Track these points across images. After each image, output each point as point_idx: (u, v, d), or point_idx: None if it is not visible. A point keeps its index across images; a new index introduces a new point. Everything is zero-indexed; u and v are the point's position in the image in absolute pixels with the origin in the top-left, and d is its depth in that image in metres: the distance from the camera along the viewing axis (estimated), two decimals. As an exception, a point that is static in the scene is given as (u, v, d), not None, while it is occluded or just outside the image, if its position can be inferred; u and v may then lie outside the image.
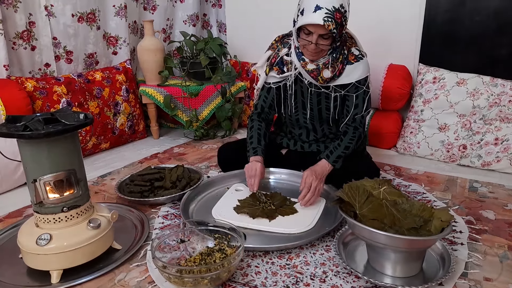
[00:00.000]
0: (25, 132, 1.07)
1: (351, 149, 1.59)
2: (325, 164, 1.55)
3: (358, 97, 1.59)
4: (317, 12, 1.37)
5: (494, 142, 1.94)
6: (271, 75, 1.66)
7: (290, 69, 1.61)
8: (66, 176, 1.16)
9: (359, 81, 1.57)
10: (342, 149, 1.57)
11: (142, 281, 1.18)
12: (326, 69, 1.53)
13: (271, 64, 1.65)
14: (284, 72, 1.63)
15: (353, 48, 1.57)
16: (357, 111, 1.61)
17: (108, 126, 2.29)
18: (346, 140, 1.59)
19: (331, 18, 1.37)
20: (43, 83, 2.05)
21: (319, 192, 1.51)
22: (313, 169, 1.53)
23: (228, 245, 1.23)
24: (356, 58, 1.56)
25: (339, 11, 1.39)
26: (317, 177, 1.50)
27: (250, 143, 1.64)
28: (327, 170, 1.55)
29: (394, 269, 1.14)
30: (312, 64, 1.54)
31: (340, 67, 1.54)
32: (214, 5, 3.01)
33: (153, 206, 1.63)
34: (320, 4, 1.37)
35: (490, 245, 1.35)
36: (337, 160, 1.56)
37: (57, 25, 2.20)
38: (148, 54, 2.44)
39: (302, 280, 1.17)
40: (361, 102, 1.60)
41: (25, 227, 1.21)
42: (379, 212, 1.13)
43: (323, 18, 1.37)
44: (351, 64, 1.55)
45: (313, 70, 1.54)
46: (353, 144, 1.59)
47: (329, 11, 1.37)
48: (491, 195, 1.71)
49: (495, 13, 2.01)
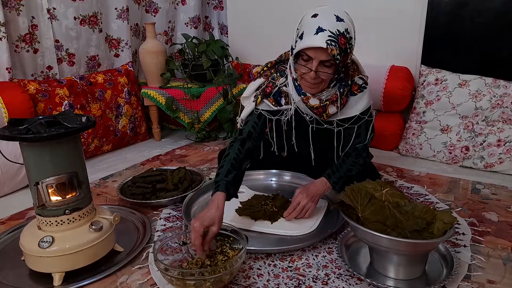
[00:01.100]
0: (28, 135, 1.08)
1: (353, 172, 1.44)
2: (322, 183, 1.42)
3: (361, 127, 1.46)
4: (319, 34, 1.21)
5: (496, 144, 1.94)
6: (263, 102, 1.45)
7: (289, 102, 1.43)
8: (68, 178, 1.16)
9: (362, 112, 1.44)
10: (344, 171, 1.43)
11: (144, 283, 1.18)
12: (332, 105, 1.38)
13: (265, 94, 1.43)
14: (281, 105, 1.43)
15: (356, 78, 1.43)
16: (360, 141, 1.47)
17: (110, 129, 2.30)
18: (349, 162, 1.45)
19: (335, 42, 1.21)
20: (45, 85, 2.06)
21: (308, 211, 1.40)
22: (307, 187, 1.44)
23: (230, 248, 1.23)
24: (360, 88, 1.42)
25: (344, 36, 1.23)
26: (308, 195, 1.39)
27: (216, 175, 1.32)
28: (323, 190, 1.42)
29: (397, 272, 1.14)
30: (315, 99, 1.36)
31: (345, 100, 1.40)
32: (215, 8, 3.02)
33: (155, 208, 1.62)
34: (323, 26, 1.21)
35: (493, 247, 1.34)
36: (338, 182, 1.42)
37: (60, 28, 2.21)
38: (150, 56, 2.45)
39: (305, 283, 1.17)
40: (364, 132, 1.47)
41: (28, 230, 1.22)
42: (381, 214, 1.13)
43: (326, 40, 1.20)
44: (354, 95, 1.41)
45: (318, 107, 1.38)
46: (356, 168, 1.45)
47: (333, 34, 1.21)
48: (494, 197, 1.70)
49: (497, 15, 2.00)
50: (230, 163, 1.32)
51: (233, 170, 1.31)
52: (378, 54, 2.28)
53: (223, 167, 1.32)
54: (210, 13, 3.05)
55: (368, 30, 2.29)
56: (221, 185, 1.26)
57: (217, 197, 1.23)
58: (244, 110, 1.49)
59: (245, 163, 1.39)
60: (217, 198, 1.22)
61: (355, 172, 1.46)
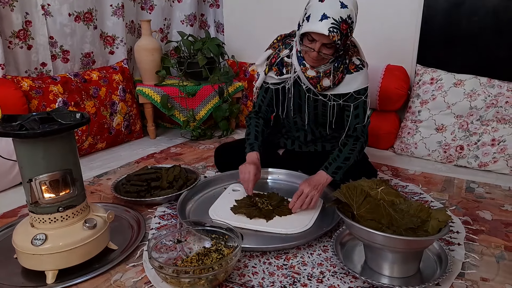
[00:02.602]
0: (21, 132, 1.06)
1: (351, 160, 1.52)
2: (322, 175, 1.49)
3: (358, 107, 1.54)
4: (323, 21, 1.33)
5: (491, 143, 1.95)
6: (269, 75, 1.63)
7: (289, 71, 1.57)
8: (62, 176, 1.15)
9: (358, 91, 1.53)
10: (341, 160, 1.51)
11: (139, 281, 1.17)
12: (326, 78, 1.50)
13: (270, 63, 1.61)
14: (283, 74, 1.59)
15: (354, 58, 1.53)
16: (358, 121, 1.55)
17: (105, 126, 2.28)
18: (346, 151, 1.53)
19: (337, 29, 1.33)
20: (39, 82, 2.04)
21: (313, 200, 1.43)
22: (309, 178, 1.49)
23: (225, 246, 1.22)
24: (356, 68, 1.52)
25: (346, 22, 1.35)
26: (310, 184, 1.44)
27: (247, 139, 1.63)
28: (324, 181, 1.48)
29: (392, 270, 1.14)
30: (313, 70, 1.49)
31: (340, 76, 1.51)
32: (211, 5, 3.01)
33: (150, 206, 1.62)
34: (327, 14, 1.33)
35: (487, 245, 1.35)
36: (337, 172, 1.49)
37: (54, 24, 2.19)
38: (145, 53, 2.43)
39: (300, 281, 1.17)
40: (362, 112, 1.55)
41: (20, 227, 1.20)
42: (376, 212, 1.13)
43: (329, 28, 1.33)
44: (350, 74, 1.52)
45: (313, 77, 1.50)
46: (354, 155, 1.53)
47: (335, 22, 1.33)
48: (487, 196, 1.71)
49: (493, 15, 2.01)
50: (255, 129, 1.65)
51: (258, 134, 1.64)
52: (374, 53, 2.27)
53: (251, 133, 1.64)
54: (206, 11, 3.04)
55: (365, 29, 2.28)
56: (254, 146, 1.60)
57: (253, 155, 1.57)
58: (258, 79, 1.70)
59: (265, 131, 1.70)
60: (253, 156, 1.56)
61: (354, 159, 1.54)
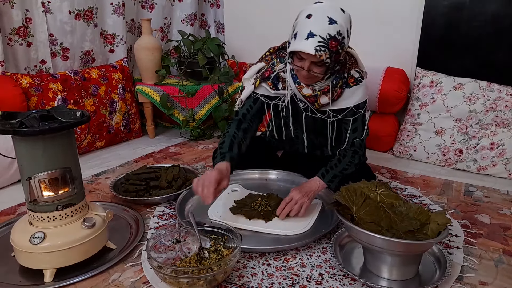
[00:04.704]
0: (21, 129, 1.06)
1: (349, 171, 1.47)
2: (316, 181, 1.44)
3: (357, 121, 1.48)
4: (309, 40, 1.24)
5: (490, 147, 1.95)
6: (262, 86, 1.51)
7: (285, 87, 1.47)
8: (61, 174, 1.14)
9: (357, 105, 1.47)
10: (339, 170, 1.46)
11: (137, 281, 1.17)
12: (324, 96, 1.42)
13: (263, 77, 1.49)
14: (279, 90, 1.49)
15: (353, 70, 1.45)
16: (356, 135, 1.49)
17: (104, 125, 2.27)
18: (345, 162, 1.47)
19: (325, 47, 1.24)
20: (38, 80, 2.03)
21: (302, 207, 1.39)
22: (301, 185, 1.45)
23: (224, 246, 1.22)
24: (356, 81, 1.45)
25: (335, 38, 1.25)
26: (301, 191, 1.41)
27: (219, 148, 1.41)
28: (317, 188, 1.43)
29: (391, 272, 1.14)
30: (308, 88, 1.42)
31: (339, 91, 1.43)
32: (212, 5, 3.01)
33: (149, 206, 1.61)
34: (314, 31, 1.24)
35: (486, 249, 1.35)
36: (333, 180, 1.44)
37: (54, 21, 2.18)
38: (145, 52, 2.43)
39: (298, 282, 1.17)
40: (360, 126, 1.49)
41: (19, 225, 1.20)
42: (376, 215, 1.13)
43: (315, 47, 1.24)
44: (350, 88, 1.44)
45: (310, 96, 1.43)
46: (352, 167, 1.48)
47: (323, 40, 1.24)
48: (486, 199, 1.71)
49: (493, 19, 2.02)
50: (230, 139, 1.42)
51: (234, 145, 1.41)
52: (374, 56, 2.28)
53: (225, 142, 1.41)
54: (207, 11, 3.04)
55: (365, 32, 2.29)
56: (226, 156, 1.36)
57: (223, 164, 1.33)
58: (244, 91, 1.56)
59: (243, 144, 1.47)
60: (223, 165, 1.33)
61: (351, 171, 1.48)
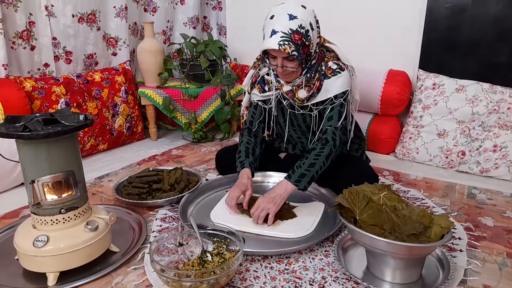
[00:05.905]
0: (25, 133, 1.06)
1: (317, 166, 1.44)
2: (283, 184, 1.44)
3: (334, 109, 1.50)
4: (272, 37, 1.35)
5: (492, 149, 1.95)
6: (253, 93, 1.65)
7: (271, 88, 1.58)
8: (65, 177, 1.15)
9: (336, 95, 1.49)
10: (306, 167, 1.44)
11: (140, 284, 1.17)
12: (300, 90, 1.50)
13: (252, 82, 1.64)
14: (265, 92, 1.60)
15: (331, 62, 1.49)
16: (330, 124, 1.50)
17: (107, 127, 2.28)
18: (312, 156, 1.46)
19: (288, 41, 1.34)
20: (41, 83, 2.04)
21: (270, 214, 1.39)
22: (269, 192, 1.45)
23: (227, 249, 1.22)
24: (334, 72, 1.48)
25: (298, 32, 1.35)
26: (266, 199, 1.41)
27: (238, 158, 1.61)
28: (284, 191, 1.43)
29: (394, 276, 1.14)
30: (288, 85, 1.52)
31: (318, 84, 1.48)
32: (214, 8, 3.02)
33: (151, 209, 1.61)
34: (276, 29, 1.35)
35: (489, 252, 1.34)
36: (300, 180, 1.42)
37: (57, 25, 2.20)
38: (148, 55, 2.44)
39: (301, 286, 1.16)
40: (336, 114, 1.50)
41: (22, 228, 1.20)
42: (379, 217, 1.13)
43: (278, 42, 1.34)
44: (328, 79, 1.48)
45: (288, 91, 1.53)
46: (320, 160, 1.45)
47: (285, 34, 1.34)
48: (489, 202, 1.71)
49: (495, 21, 2.02)
50: (245, 146, 1.63)
51: (249, 151, 1.61)
52: (376, 58, 2.29)
53: (241, 151, 1.62)
54: (209, 14, 3.04)
55: (367, 34, 2.30)
56: (245, 163, 1.56)
57: (243, 174, 1.53)
58: (243, 99, 1.76)
59: (257, 148, 1.65)
60: (243, 174, 1.53)
61: (321, 165, 1.46)
